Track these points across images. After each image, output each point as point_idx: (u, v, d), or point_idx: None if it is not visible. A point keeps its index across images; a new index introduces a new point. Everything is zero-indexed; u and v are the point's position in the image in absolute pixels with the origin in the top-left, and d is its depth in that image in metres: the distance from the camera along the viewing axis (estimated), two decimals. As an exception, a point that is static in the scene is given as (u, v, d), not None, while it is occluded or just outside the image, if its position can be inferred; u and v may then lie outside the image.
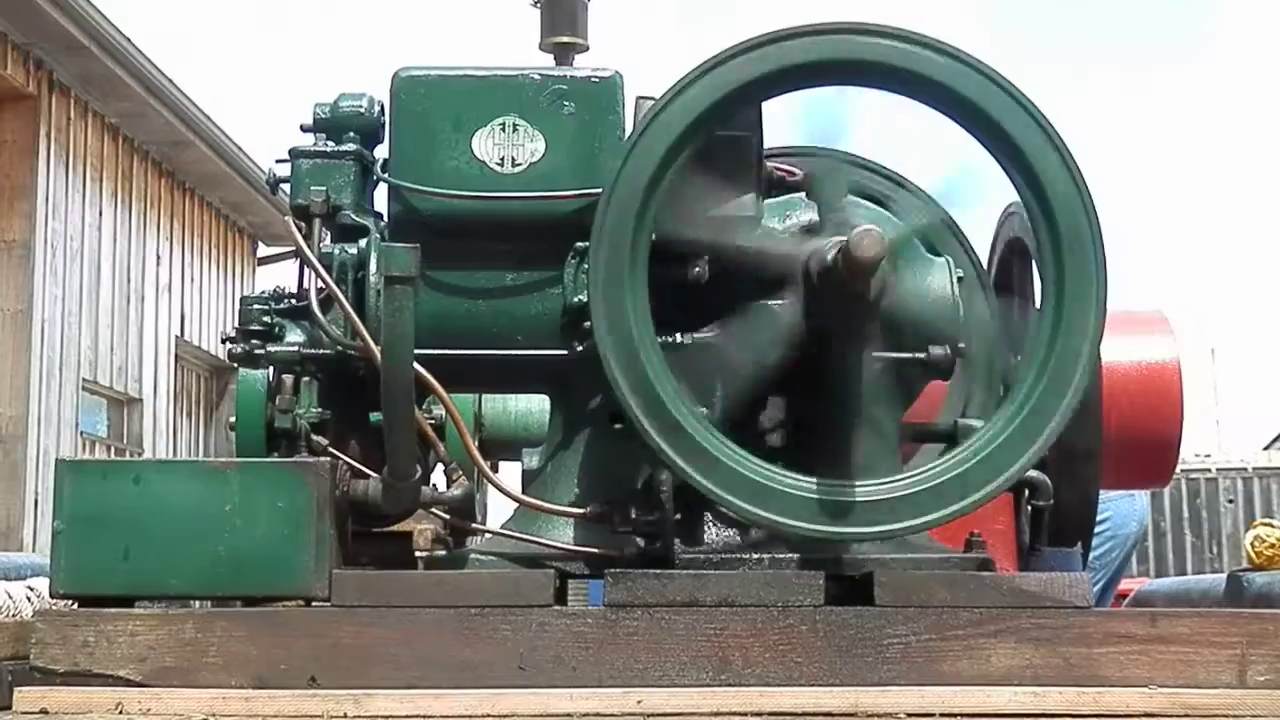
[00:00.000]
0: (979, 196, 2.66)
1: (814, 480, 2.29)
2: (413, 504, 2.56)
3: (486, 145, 2.52)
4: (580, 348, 2.50)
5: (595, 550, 2.46)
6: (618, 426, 2.46)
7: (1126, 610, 3.00)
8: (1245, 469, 15.14)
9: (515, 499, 2.58)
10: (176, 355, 12.81)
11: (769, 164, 2.61)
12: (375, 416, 2.55)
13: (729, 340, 2.43)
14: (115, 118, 11.33)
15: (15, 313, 9.92)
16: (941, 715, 2.16)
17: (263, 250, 15.00)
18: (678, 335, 2.42)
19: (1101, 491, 3.24)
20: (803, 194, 2.57)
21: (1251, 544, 4.28)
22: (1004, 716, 2.17)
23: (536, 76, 2.55)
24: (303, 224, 2.67)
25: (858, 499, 2.29)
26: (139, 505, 2.35)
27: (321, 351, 2.62)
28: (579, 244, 2.49)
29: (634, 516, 2.43)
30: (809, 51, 2.28)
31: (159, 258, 12.35)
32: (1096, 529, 4.77)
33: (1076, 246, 2.28)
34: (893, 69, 2.28)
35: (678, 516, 2.39)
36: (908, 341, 2.45)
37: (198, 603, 2.55)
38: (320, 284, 2.60)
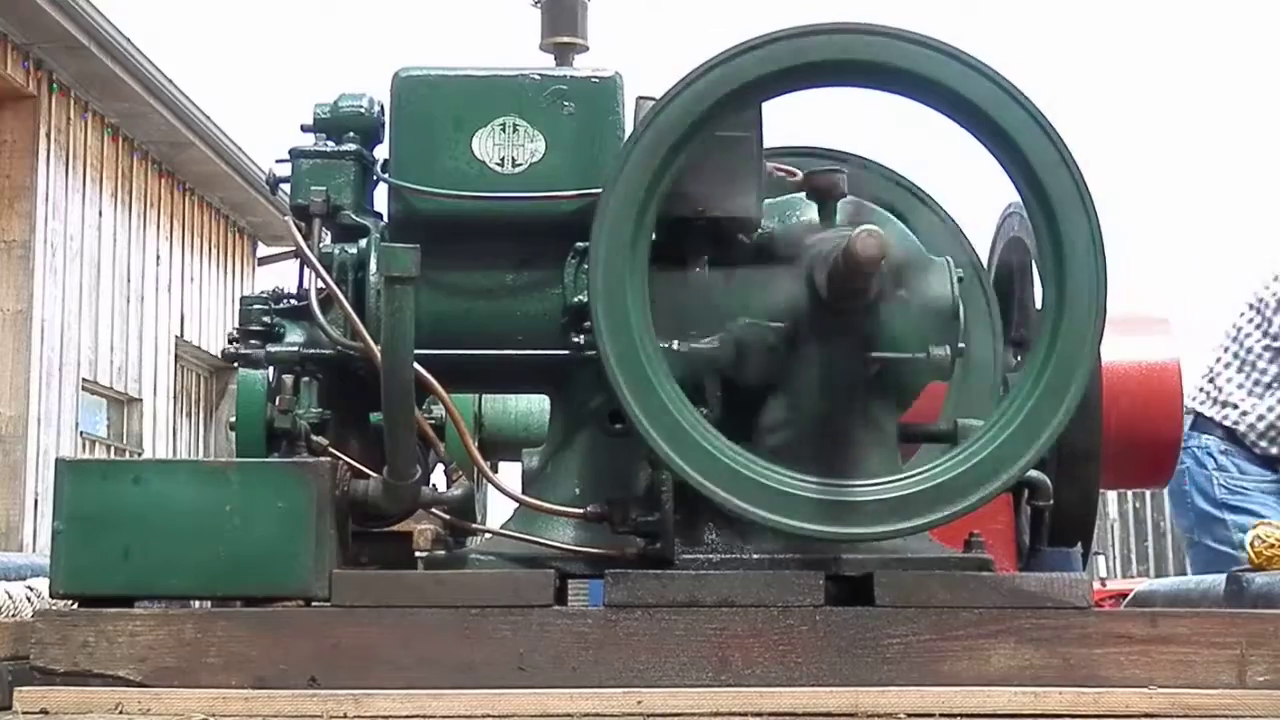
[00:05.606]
0: None
1: (814, 480, 2.29)
2: (413, 504, 2.56)
3: (486, 145, 2.52)
4: (580, 348, 2.50)
5: (595, 550, 2.46)
6: (618, 426, 2.46)
7: (1126, 610, 3.00)
8: (1245, 469, 15.11)
9: (515, 499, 2.58)
10: (176, 355, 12.82)
11: (769, 164, 2.61)
12: (375, 416, 2.55)
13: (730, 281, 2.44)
14: (115, 118, 11.33)
15: (15, 313, 9.93)
16: (941, 715, 2.15)
17: (263, 250, 15.01)
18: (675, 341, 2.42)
19: None
20: (802, 194, 2.56)
21: (1251, 544, 4.27)
22: (1004, 716, 2.16)
23: (536, 76, 2.55)
24: (303, 224, 2.67)
25: (858, 499, 2.28)
26: (139, 505, 2.35)
27: (321, 351, 2.62)
28: (579, 244, 2.49)
29: (634, 516, 2.43)
30: (809, 51, 2.28)
31: (159, 258, 12.36)
32: None
33: (1077, 246, 2.28)
34: (895, 70, 2.28)
35: (678, 516, 2.39)
36: (908, 341, 2.45)
37: (198, 603, 2.55)
38: (320, 284, 2.60)
